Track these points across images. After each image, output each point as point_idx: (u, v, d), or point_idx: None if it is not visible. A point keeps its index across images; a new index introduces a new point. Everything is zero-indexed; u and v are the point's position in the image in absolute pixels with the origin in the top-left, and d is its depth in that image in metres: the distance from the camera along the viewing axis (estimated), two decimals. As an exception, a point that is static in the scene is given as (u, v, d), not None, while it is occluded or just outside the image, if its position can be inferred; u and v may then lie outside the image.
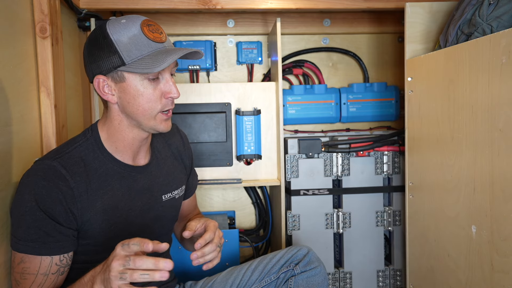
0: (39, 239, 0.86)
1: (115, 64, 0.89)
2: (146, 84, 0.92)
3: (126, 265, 0.73)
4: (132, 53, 0.88)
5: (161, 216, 1.07)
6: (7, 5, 1.03)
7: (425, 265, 1.32)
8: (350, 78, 1.91)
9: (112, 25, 0.90)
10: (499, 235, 0.96)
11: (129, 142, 0.98)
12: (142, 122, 0.95)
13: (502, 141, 0.93)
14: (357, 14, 1.83)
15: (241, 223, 1.90)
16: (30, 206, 0.86)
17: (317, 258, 1.18)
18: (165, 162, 1.10)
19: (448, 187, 1.17)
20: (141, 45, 0.89)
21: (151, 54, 0.89)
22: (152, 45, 0.90)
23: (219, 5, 1.52)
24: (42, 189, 0.86)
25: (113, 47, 0.88)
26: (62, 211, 0.88)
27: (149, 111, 0.93)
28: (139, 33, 0.89)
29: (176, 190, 1.11)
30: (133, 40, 0.89)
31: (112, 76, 0.91)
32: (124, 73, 0.90)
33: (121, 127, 0.96)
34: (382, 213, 1.64)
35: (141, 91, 0.92)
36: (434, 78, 1.23)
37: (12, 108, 1.02)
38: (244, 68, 1.86)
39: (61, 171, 0.88)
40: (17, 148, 1.03)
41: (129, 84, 0.91)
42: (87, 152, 0.94)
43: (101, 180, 0.94)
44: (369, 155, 1.63)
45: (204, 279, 1.24)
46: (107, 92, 0.93)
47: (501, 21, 1.02)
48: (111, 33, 0.88)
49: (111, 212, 0.95)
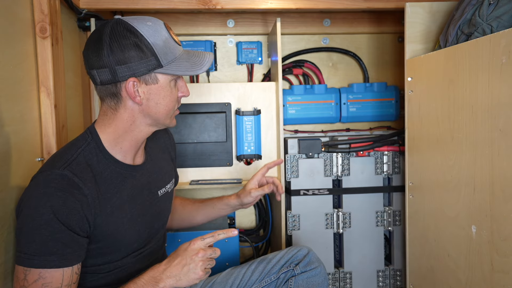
0: (58, 251, 0.85)
1: (151, 67, 0.91)
2: (173, 85, 0.97)
3: (213, 254, 0.93)
4: (168, 56, 0.92)
5: (159, 211, 1.09)
6: (7, 5, 1.03)
7: (425, 265, 1.32)
8: (350, 78, 1.91)
9: (142, 27, 0.90)
10: (499, 235, 0.96)
11: (137, 141, 1.00)
12: (162, 121, 0.99)
13: (502, 141, 0.93)
14: (357, 14, 1.83)
15: (241, 223, 1.90)
16: (47, 219, 0.84)
17: (317, 258, 1.18)
18: (157, 158, 1.12)
19: (448, 187, 1.17)
20: (172, 48, 0.94)
21: (182, 57, 0.95)
22: (178, 48, 0.96)
23: (219, 5, 1.52)
24: (59, 200, 0.85)
25: (151, 50, 0.90)
26: (80, 220, 0.87)
27: (172, 110, 0.99)
28: (169, 36, 0.94)
29: (169, 183, 1.14)
30: (167, 43, 0.93)
31: (144, 78, 0.92)
32: (158, 75, 0.93)
33: (134, 127, 0.97)
34: (382, 213, 1.64)
35: (170, 92, 0.96)
36: (434, 78, 1.23)
37: (12, 108, 1.02)
38: (244, 68, 1.86)
39: (74, 179, 0.87)
40: (17, 148, 1.03)
41: (161, 85, 0.95)
42: (90, 157, 0.94)
43: (107, 183, 0.94)
44: (369, 155, 1.63)
45: (203, 279, 1.23)
46: (136, 94, 0.93)
47: (501, 21, 1.02)
48: (147, 36, 0.90)
49: (118, 213, 0.96)
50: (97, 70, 0.91)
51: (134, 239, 1.01)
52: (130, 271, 1.02)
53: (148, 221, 1.05)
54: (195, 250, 0.92)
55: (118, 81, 0.91)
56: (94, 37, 0.92)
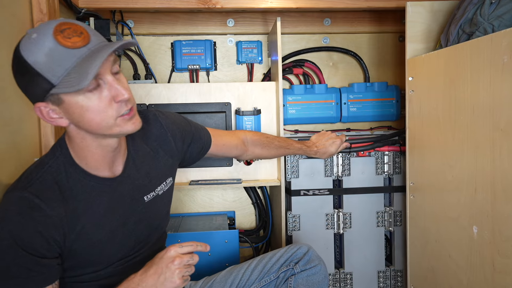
0: (21, 275, 0.81)
1: (45, 88, 0.79)
2: (89, 96, 0.81)
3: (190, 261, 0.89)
4: (56, 71, 0.77)
5: (147, 217, 1.03)
6: (6, 5, 1.02)
7: (426, 266, 1.32)
8: (351, 77, 1.91)
9: (25, 46, 0.78)
10: (500, 235, 0.95)
11: (100, 156, 0.91)
12: (105, 133, 0.87)
13: (504, 141, 0.93)
14: (357, 13, 1.83)
15: (241, 223, 1.89)
16: (6, 244, 0.79)
17: (317, 256, 1.16)
18: (143, 161, 1.02)
19: (449, 188, 1.16)
20: (61, 59, 0.77)
21: (76, 66, 0.78)
22: (74, 54, 0.78)
23: (219, 5, 1.51)
24: (17, 225, 0.80)
25: (33, 70, 0.77)
26: (44, 243, 0.83)
27: (105, 122, 0.84)
28: (54, 45, 0.77)
29: (160, 185, 1.06)
30: (50, 56, 0.77)
31: (49, 100, 0.81)
32: (60, 95, 0.80)
33: (85, 143, 0.89)
34: (382, 214, 1.63)
35: (86, 106, 0.81)
36: (435, 78, 1.22)
37: (10, 107, 1.02)
38: (244, 68, 1.85)
39: (34, 200, 0.82)
40: (16, 147, 1.03)
41: (70, 103, 0.81)
42: (58, 173, 0.87)
43: (78, 199, 0.88)
44: (369, 155, 1.62)
45: (203, 278, 1.23)
46: (55, 117, 0.84)
47: (503, 20, 1.02)
48: (26, 56, 0.77)
49: (93, 228, 0.91)
50: None
51: (116, 250, 0.96)
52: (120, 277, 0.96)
53: (133, 229, 0.99)
54: (171, 258, 0.88)
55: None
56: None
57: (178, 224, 1.66)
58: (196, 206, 1.87)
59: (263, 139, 1.39)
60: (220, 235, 1.55)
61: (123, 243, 0.97)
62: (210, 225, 1.64)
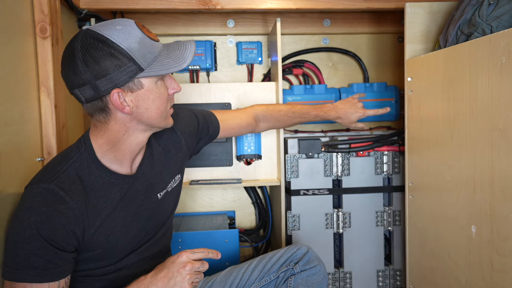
0: (40, 266, 0.83)
1: (132, 73, 0.85)
2: (160, 84, 0.91)
3: (200, 268, 0.91)
4: (146, 57, 0.86)
5: (158, 212, 1.06)
6: (7, 5, 1.03)
7: (425, 265, 1.32)
8: (350, 78, 1.92)
9: (113, 34, 0.84)
10: (499, 235, 0.96)
11: (132, 149, 0.96)
12: (156, 124, 0.94)
13: (502, 141, 0.93)
14: (357, 14, 1.84)
15: (241, 223, 1.90)
16: (29, 234, 0.82)
17: (317, 256, 1.17)
18: (157, 160, 1.07)
19: (448, 187, 1.17)
20: (150, 47, 0.87)
21: (162, 53, 0.89)
22: (156, 45, 0.89)
23: (219, 5, 1.52)
24: (42, 215, 0.83)
25: (127, 55, 0.84)
26: (65, 235, 0.85)
27: (165, 110, 0.94)
28: (142, 35, 0.87)
29: (170, 182, 1.10)
30: (142, 44, 0.86)
31: (128, 86, 0.87)
32: (141, 80, 0.88)
33: (127, 136, 0.93)
34: (382, 213, 1.64)
35: (159, 93, 0.91)
36: (434, 78, 1.23)
37: (12, 108, 1.02)
38: (244, 68, 1.86)
39: (60, 193, 0.85)
40: (17, 148, 1.03)
41: (147, 89, 0.89)
42: (82, 168, 0.90)
43: (98, 194, 0.92)
44: (369, 155, 1.63)
45: (204, 278, 1.23)
46: (125, 104, 0.88)
47: (501, 21, 1.03)
48: (119, 42, 0.83)
49: (109, 223, 0.94)
50: (78, 89, 0.85)
51: (128, 245, 0.99)
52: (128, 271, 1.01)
53: (144, 225, 1.02)
54: (183, 263, 0.90)
55: (102, 95, 0.86)
56: (66, 54, 0.87)
57: (178, 224, 1.67)
58: (196, 205, 1.88)
59: (275, 113, 1.39)
60: (220, 235, 1.55)
61: (135, 238, 1.01)
62: (210, 225, 1.65)
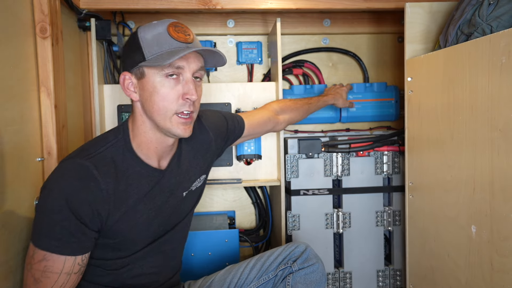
0: (63, 238, 0.86)
1: (137, 60, 0.92)
2: (163, 81, 0.93)
3: None
4: (153, 49, 0.91)
5: (176, 211, 1.08)
6: (7, 5, 1.03)
7: (425, 265, 1.32)
8: (350, 78, 1.92)
9: (145, 26, 0.94)
10: (499, 235, 0.96)
11: (153, 146, 0.99)
12: (159, 123, 0.95)
13: (502, 141, 0.93)
14: (357, 14, 1.84)
15: (241, 223, 1.90)
16: (58, 205, 0.86)
17: (315, 254, 1.17)
18: (186, 159, 1.10)
19: (448, 187, 1.17)
20: (163, 42, 0.91)
21: (170, 50, 0.91)
22: (173, 43, 0.92)
23: (219, 5, 1.52)
24: (73, 189, 0.87)
25: (137, 44, 0.92)
26: (90, 213, 0.88)
27: (163, 110, 0.94)
28: (164, 31, 0.92)
29: (195, 182, 1.13)
30: (157, 37, 0.92)
31: (135, 73, 0.95)
32: (144, 69, 0.93)
33: (144, 128, 0.97)
34: (382, 213, 1.64)
35: (158, 88, 0.93)
36: (434, 78, 1.23)
37: (12, 108, 1.02)
38: (244, 68, 1.86)
39: (93, 171, 0.89)
40: (17, 148, 1.03)
41: (148, 80, 0.93)
42: (117, 154, 0.95)
43: (128, 182, 0.95)
44: (369, 155, 1.63)
45: (202, 278, 1.24)
46: (131, 89, 0.96)
47: (501, 21, 1.03)
48: (139, 31, 0.93)
49: (133, 213, 0.96)
50: None
51: (147, 237, 1.02)
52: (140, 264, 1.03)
53: (164, 220, 1.05)
54: None
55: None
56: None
57: (178, 224, 1.67)
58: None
59: (290, 103, 1.47)
60: (220, 235, 1.55)
61: (155, 232, 1.03)
62: (210, 225, 1.65)
